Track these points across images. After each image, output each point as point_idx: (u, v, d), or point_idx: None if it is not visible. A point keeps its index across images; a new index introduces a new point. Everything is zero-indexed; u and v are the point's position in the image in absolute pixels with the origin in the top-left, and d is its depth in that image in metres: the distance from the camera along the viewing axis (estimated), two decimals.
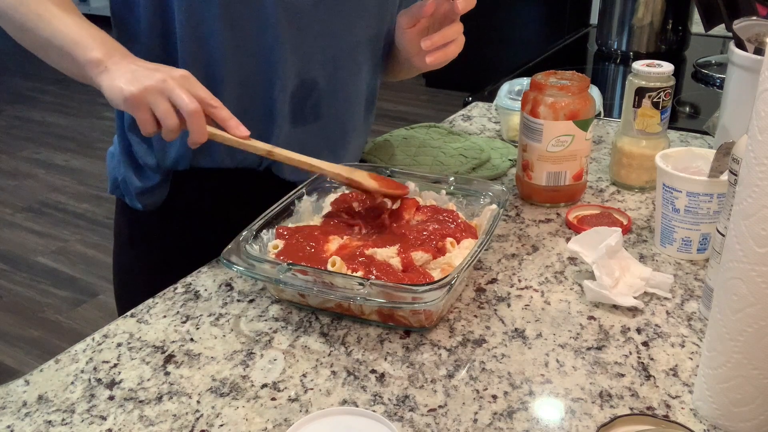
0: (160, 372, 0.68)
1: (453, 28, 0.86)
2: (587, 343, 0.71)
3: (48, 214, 3.22)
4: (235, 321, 0.76)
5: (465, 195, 0.89)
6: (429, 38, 0.85)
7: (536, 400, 0.64)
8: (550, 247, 0.89)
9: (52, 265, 2.81)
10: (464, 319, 0.75)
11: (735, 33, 1.05)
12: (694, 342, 0.71)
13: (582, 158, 0.96)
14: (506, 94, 1.20)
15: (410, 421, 0.62)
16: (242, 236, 0.77)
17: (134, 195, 0.97)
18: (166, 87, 0.74)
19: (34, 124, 4.32)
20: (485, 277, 0.83)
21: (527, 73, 1.51)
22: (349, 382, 0.66)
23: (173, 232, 1.00)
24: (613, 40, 1.79)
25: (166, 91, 0.75)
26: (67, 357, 0.71)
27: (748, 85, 0.97)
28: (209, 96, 0.77)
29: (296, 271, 0.71)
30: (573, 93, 0.93)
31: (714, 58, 1.66)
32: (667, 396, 0.64)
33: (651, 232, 0.92)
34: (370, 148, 1.17)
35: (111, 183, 1.02)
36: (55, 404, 0.65)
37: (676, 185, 0.82)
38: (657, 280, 0.78)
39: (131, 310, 0.78)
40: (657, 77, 0.95)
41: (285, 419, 0.62)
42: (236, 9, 0.84)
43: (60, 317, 2.49)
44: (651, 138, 0.99)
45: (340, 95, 0.97)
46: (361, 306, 0.73)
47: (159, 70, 0.76)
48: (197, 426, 0.62)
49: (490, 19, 4.16)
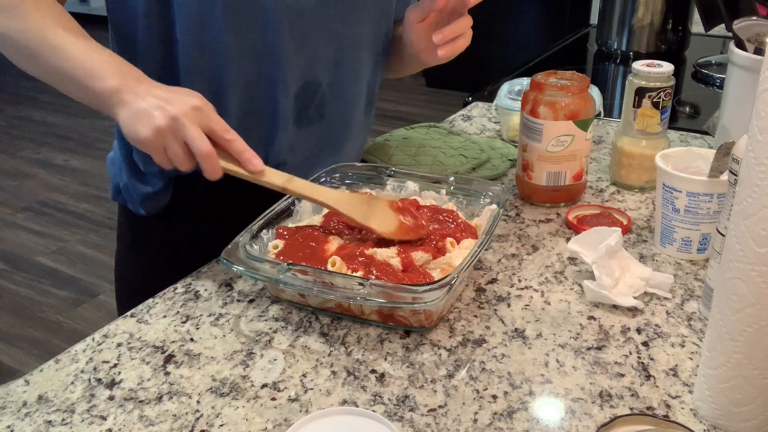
0: (160, 372, 0.68)
1: (462, 21, 0.87)
2: (587, 343, 0.71)
3: (48, 214, 3.22)
4: (235, 321, 0.76)
5: (465, 195, 0.89)
6: (440, 32, 0.86)
7: (536, 400, 0.64)
8: (550, 247, 0.89)
9: (52, 265, 2.81)
10: (464, 319, 0.75)
11: (735, 33, 1.05)
12: (694, 342, 0.71)
13: (582, 158, 0.96)
14: (506, 94, 1.20)
15: (410, 421, 0.62)
16: (242, 236, 0.77)
17: (138, 201, 0.97)
18: (179, 127, 0.74)
19: (34, 124, 4.32)
20: (485, 277, 0.83)
21: (527, 73, 1.51)
22: (349, 382, 0.66)
23: (176, 235, 1.00)
24: (613, 40, 1.79)
25: (179, 131, 0.74)
26: (67, 357, 0.71)
27: (748, 85, 0.97)
28: (223, 129, 0.76)
29: (296, 271, 0.71)
30: (573, 93, 0.93)
31: (714, 58, 1.66)
32: (667, 396, 0.64)
33: (651, 232, 0.92)
34: (370, 148, 1.17)
35: (113, 189, 1.02)
36: (55, 404, 0.65)
37: (676, 185, 0.82)
38: (657, 280, 0.78)
39: (131, 310, 0.78)
40: (657, 77, 0.95)
41: (285, 419, 0.62)
42: (238, 12, 0.84)
43: (60, 317, 2.49)
44: (651, 138, 0.99)
45: (342, 95, 0.97)
46: (361, 306, 0.73)
47: (171, 103, 0.74)
48: (197, 426, 0.62)
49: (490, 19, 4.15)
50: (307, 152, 0.82)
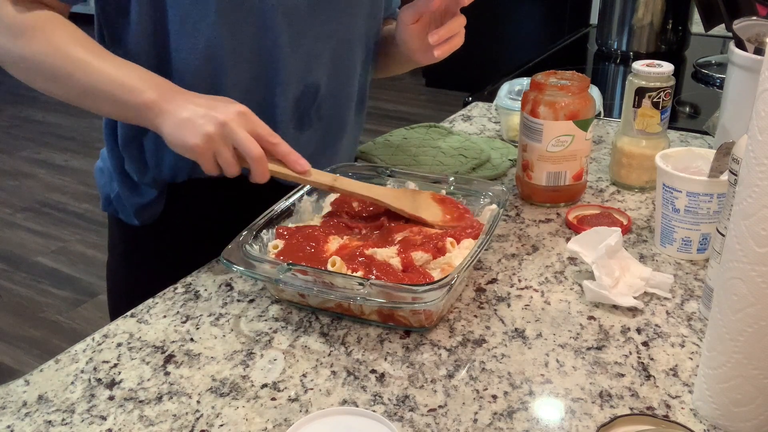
0: (160, 372, 0.68)
1: (457, 21, 0.87)
2: (587, 343, 0.71)
3: (48, 214, 3.22)
4: (235, 321, 0.76)
5: (465, 195, 0.89)
6: (436, 32, 0.85)
7: (536, 400, 0.64)
8: (550, 247, 0.89)
9: (52, 265, 2.81)
10: (464, 319, 0.75)
11: (735, 33, 1.05)
12: (694, 342, 0.71)
13: (582, 158, 0.96)
14: (506, 94, 1.20)
15: (410, 421, 0.62)
16: (242, 236, 0.77)
17: (131, 212, 0.96)
18: (228, 133, 0.74)
19: (34, 124, 4.32)
20: (485, 277, 0.83)
21: (527, 73, 1.51)
22: (349, 382, 0.66)
23: (170, 244, 0.99)
24: (613, 40, 1.79)
25: (229, 137, 0.74)
26: (67, 357, 0.71)
27: (748, 85, 0.97)
28: (268, 132, 0.77)
29: (296, 271, 0.71)
30: (573, 93, 0.93)
31: (714, 58, 1.66)
32: (667, 396, 0.64)
33: (651, 232, 0.92)
34: (370, 148, 1.17)
35: (103, 200, 1.00)
36: (55, 404, 0.65)
37: (676, 185, 0.82)
38: (657, 280, 0.78)
39: (131, 310, 0.78)
40: (657, 77, 0.95)
41: (285, 419, 0.62)
42: (233, 15, 0.83)
43: (60, 317, 2.49)
44: (651, 138, 0.99)
45: (338, 95, 0.97)
46: (361, 306, 0.73)
47: (217, 109, 0.75)
48: (197, 426, 0.62)
49: (490, 19, 4.16)
50: (305, 155, 0.82)
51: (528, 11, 4.20)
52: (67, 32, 0.79)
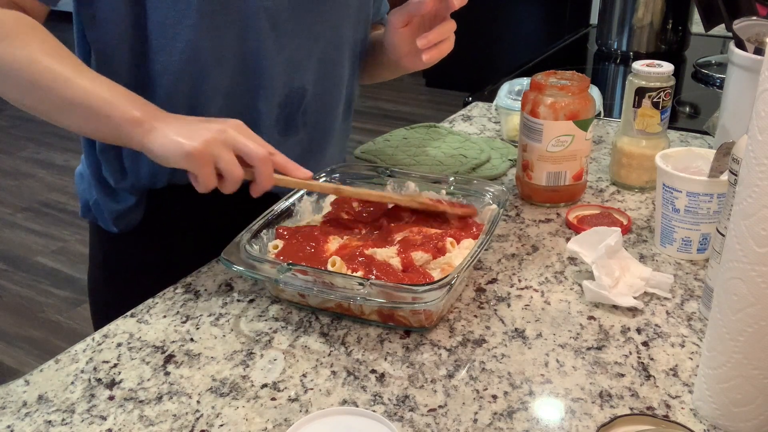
0: (160, 372, 0.68)
1: (447, 25, 0.85)
2: (587, 343, 0.71)
3: (48, 214, 3.22)
4: (235, 321, 0.76)
5: (465, 195, 0.89)
6: (424, 36, 0.84)
7: (536, 400, 0.64)
8: (550, 247, 0.89)
9: (52, 265, 2.81)
10: (464, 319, 0.75)
11: (735, 33, 1.05)
12: (694, 342, 0.71)
13: (582, 158, 0.96)
14: (506, 94, 1.20)
15: (410, 421, 0.62)
16: (242, 236, 0.77)
17: (109, 219, 0.94)
18: (228, 137, 0.73)
19: (34, 124, 4.32)
20: (485, 277, 0.83)
21: (527, 73, 1.51)
22: (349, 382, 0.66)
23: (149, 252, 0.96)
24: (613, 40, 1.79)
25: (229, 141, 0.73)
26: (67, 357, 0.71)
27: (748, 85, 0.97)
28: (263, 143, 0.76)
29: (296, 271, 0.71)
30: (573, 93, 0.93)
31: (714, 58, 1.66)
32: (667, 396, 0.64)
33: (651, 232, 0.92)
34: (370, 148, 1.17)
35: (82, 206, 0.98)
36: (55, 404, 0.65)
37: (676, 185, 0.82)
38: (657, 280, 0.78)
39: (131, 310, 0.78)
40: (657, 77, 0.95)
41: (285, 419, 0.62)
42: (215, 17, 0.81)
43: (60, 317, 2.49)
44: (651, 138, 0.99)
45: (324, 101, 0.96)
46: (361, 306, 0.73)
47: (211, 122, 0.74)
48: (197, 426, 0.62)
49: (490, 19, 4.16)
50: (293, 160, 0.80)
51: (528, 11, 4.20)
52: (49, 44, 0.76)
